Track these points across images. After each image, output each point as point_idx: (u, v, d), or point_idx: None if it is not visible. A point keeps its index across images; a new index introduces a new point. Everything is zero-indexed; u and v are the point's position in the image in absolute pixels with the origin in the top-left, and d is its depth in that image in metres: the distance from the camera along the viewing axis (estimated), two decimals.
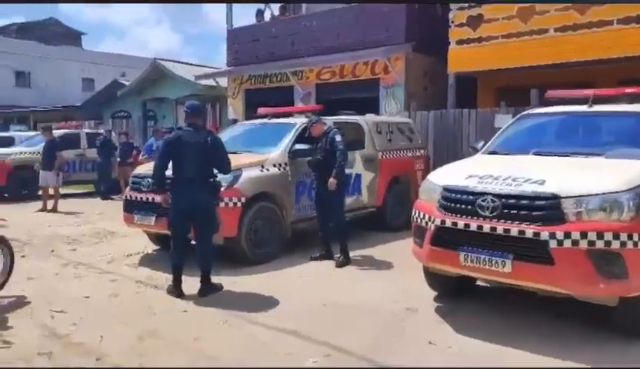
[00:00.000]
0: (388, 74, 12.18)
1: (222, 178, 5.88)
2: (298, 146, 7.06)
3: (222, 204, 5.99)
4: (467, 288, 5.10)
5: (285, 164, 6.87)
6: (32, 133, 17.20)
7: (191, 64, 20.38)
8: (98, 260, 6.73)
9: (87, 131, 15.51)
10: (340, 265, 6.39)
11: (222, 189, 5.93)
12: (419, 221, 4.63)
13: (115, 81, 22.83)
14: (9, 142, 15.58)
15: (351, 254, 6.63)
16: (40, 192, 11.68)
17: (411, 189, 8.66)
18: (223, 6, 15.69)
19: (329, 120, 7.77)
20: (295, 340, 4.14)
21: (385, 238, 7.82)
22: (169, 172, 5.26)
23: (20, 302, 5.03)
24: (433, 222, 4.37)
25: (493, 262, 3.98)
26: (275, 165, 6.77)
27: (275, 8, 15.48)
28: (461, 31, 10.87)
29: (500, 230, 3.97)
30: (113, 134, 14.51)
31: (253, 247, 6.38)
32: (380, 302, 4.98)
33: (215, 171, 5.32)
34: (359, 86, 12.66)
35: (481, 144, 5.75)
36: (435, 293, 5.10)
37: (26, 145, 14.37)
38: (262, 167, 6.64)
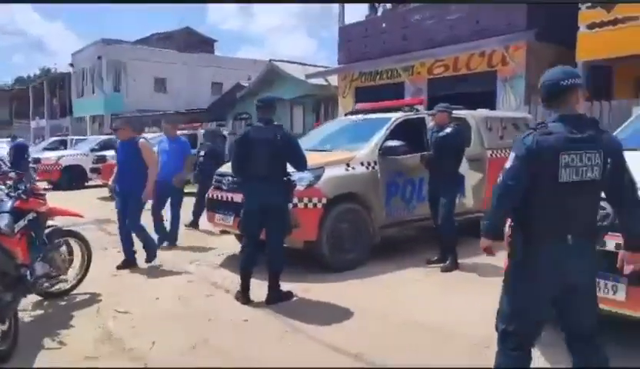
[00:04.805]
0: (506, 66, 11.08)
1: (302, 177, 5.53)
2: (390, 143, 6.42)
3: (301, 205, 5.60)
4: None
5: (375, 162, 6.27)
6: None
7: (305, 64, 20.41)
8: (186, 260, 6.63)
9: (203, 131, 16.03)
10: (445, 270, 5.88)
11: (302, 189, 5.59)
12: None
13: (237, 84, 23.64)
14: None
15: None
16: None
17: None
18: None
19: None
20: (353, 362, 3.60)
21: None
22: None
23: (92, 300, 5.01)
24: None
25: None
26: (362, 164, 6.20)
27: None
28: (593, 13, 9.53)
29: None
30: (226, 134, 14.82)
31: (335, 253, 5.87)
32: (470, 325, 4.19)
33: (290, 169, 4.91)
34: (474, 80, 11.68)
35: None
36: None
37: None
38: (348, 165, 6.11)
